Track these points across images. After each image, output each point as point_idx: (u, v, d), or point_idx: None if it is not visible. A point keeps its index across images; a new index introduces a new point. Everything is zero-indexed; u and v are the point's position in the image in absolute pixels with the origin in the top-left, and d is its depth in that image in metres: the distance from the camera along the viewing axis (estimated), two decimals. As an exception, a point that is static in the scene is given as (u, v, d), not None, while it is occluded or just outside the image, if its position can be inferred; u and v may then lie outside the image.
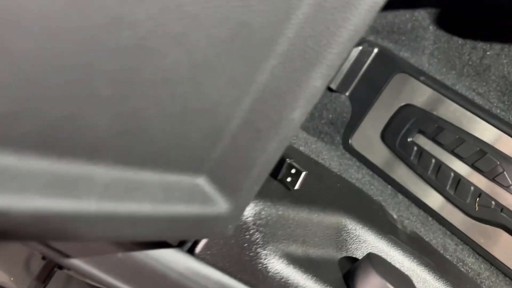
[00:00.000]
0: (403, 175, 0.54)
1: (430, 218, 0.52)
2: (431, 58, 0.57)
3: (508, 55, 0.51)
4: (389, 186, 0.54)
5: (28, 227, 0.18)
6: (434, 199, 0.52)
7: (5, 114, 0.17)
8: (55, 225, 0.19)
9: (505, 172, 0.49)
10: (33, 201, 0.18)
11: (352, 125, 0.58)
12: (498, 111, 0.51)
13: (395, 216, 0.52)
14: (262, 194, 0.33)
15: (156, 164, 0.23)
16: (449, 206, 0.51)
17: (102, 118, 0.19)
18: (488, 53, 0.52)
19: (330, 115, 0.58)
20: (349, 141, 0.58)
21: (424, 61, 0.57)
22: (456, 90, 0.53)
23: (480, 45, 0.53)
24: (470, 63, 0.53)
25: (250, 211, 0.31)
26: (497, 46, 0.52)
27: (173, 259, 0.30)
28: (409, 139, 0.54)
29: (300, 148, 0.54)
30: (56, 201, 0.19)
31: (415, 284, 0.38)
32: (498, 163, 0.49)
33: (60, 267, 0.36)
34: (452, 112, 0.51)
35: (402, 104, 0.55)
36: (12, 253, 0.47)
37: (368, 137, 0.57)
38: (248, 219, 0.31)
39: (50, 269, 0.35)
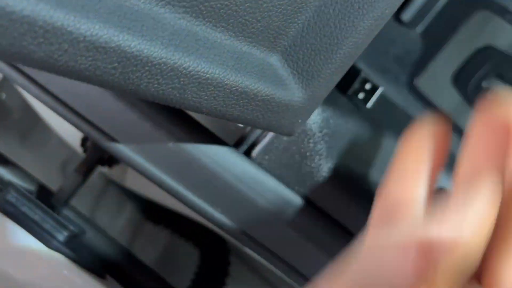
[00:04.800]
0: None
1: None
2: (522, -3, 0.50)
3: None
4: (454, 134, 0.50)
5: (85, 56, 0.15)
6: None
7: None
8: (114, 59, 0.16)
9: None
10: (91, 25, 0.15)
11: (421, 64, 0.52)
12: None
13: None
14: (328, 104, 0.30)
15: (226, 24, 0.20)
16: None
17: None
18: None
19: (397, 51, 0.54)
20: (415, 82, 0.53)
21: (513, 0, 0.50)
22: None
23: None
24: None
25: (317, 116, 0.28)
26: None
27: (227, 158, 0.27)
28: (483, 83, 0.49)
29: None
30: (119, 32, 0.16)
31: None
32: None
33: (102, 163, 0.34)
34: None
35: (482, 45, 0.50)
36: (49, 156, 0.46)
37: (438, 79, 0.51)
38: (314, 125, 0.28)
39: (91, 163, 0.33)
